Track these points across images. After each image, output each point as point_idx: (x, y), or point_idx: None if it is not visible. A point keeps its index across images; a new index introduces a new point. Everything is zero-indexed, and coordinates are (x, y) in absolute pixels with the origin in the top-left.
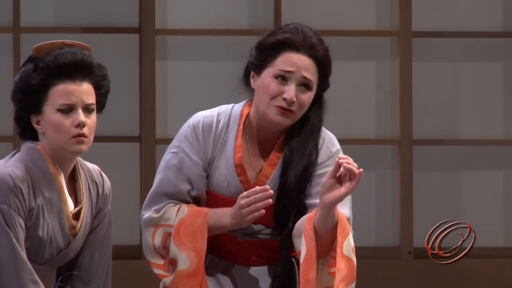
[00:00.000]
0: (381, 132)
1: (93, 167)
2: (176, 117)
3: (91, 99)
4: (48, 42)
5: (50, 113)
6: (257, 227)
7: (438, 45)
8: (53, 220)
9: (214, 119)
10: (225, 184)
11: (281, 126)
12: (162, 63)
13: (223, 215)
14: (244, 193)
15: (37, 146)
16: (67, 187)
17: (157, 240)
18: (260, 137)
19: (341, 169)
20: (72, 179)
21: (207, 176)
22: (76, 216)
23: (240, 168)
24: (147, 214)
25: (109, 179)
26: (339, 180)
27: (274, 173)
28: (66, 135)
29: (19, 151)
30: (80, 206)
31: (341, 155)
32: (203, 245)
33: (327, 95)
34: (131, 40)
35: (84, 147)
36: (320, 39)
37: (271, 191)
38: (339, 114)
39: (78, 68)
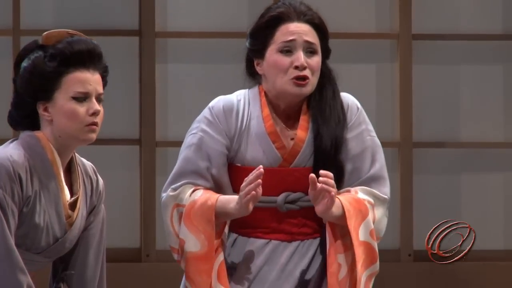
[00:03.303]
0: (381, 135)
1: (87, 163)
2: (176, 120)
3: (101, 88)
4: (55, 30)
5: (63, 100)
6: (298, 194)
7: (438, 48)
8: (50, 207)
9: (234, 98)
10: (261, 153)
11: (301, 96)
12: (162, 65)
13: (231, 201)
14: (246, 178)
15: (36, 134)
16: (63, 177)
17: (176, 223)
18: (284, 109)
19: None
20: (68, 171)
21: (238, 153)
22: (72, 206)
23: (273, 135)
24: (165, 194)
25: (109, 182)
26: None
27: (308, 136)
28: (80, 123)
29: (17, 139)
30: (77, 196)
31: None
32: (210, 228)
33: None
34: (131, 43)
35: (94, 136)
36: (309, 7)
37: (262, 170)
38: None
39: (92, 56)
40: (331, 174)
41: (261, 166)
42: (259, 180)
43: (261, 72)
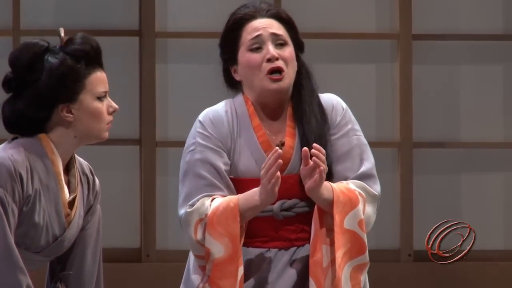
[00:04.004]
0: (381, 135)
1: (84, 162)
2: (176, 120)
3: None
4: (61, 30)
5: (89, 100)
6: (293, 201)
7: (438, 48)
8: (50, 206)
9: (220, 109)
10: (253, 164)
11: (282, 91)
12: (162, 65)
13: (253, 194)
14: (263, 165)
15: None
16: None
17: (200, 236)
18: (269, 115)
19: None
20: (66, 169)
21: (232, 165)
22: (71, 205)
23: (265, 144)
24: (182, 211)
25: (109, 182)
26: (313, 169)
27: (296, 143)
28: (103, 122)
29: (16, 137)
30: (75, 195)
31: (349, 114)
32: (236, 229)
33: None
34: (131, 43)
35: (108, 134)
36: (270, 4)
37: (280, 151)
38: None
39: (101, 53)
40: (323, 150)
41: (277, 147)
42: (280, 161)
43: (239, 78)
